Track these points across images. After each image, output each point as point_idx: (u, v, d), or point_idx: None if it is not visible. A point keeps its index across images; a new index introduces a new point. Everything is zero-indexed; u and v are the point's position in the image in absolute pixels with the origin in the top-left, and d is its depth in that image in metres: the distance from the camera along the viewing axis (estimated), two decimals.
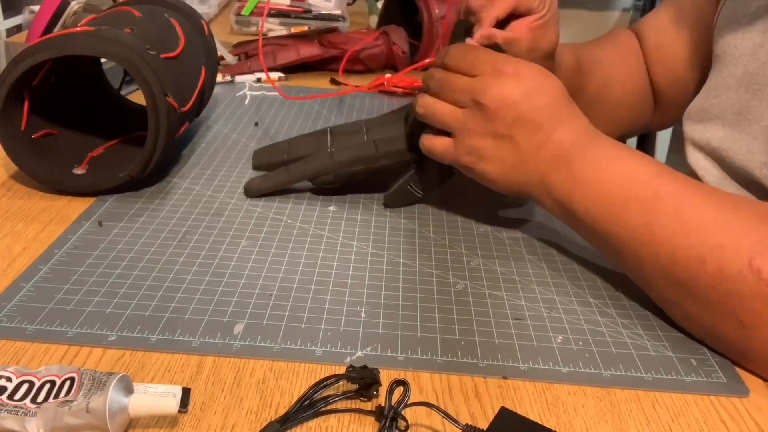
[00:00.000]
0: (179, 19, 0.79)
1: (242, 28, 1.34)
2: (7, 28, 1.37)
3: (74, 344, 0.47)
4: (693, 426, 0.43)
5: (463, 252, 0.61)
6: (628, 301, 0.55)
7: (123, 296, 0.52)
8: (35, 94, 0.67)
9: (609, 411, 0.44)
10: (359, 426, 0.42)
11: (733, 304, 0.47)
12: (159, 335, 0.48)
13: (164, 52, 0.69)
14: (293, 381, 0.45)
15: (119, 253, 0.57)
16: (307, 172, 0.67)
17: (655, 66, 0.85)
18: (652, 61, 0.86)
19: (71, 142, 0.71)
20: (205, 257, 0.58)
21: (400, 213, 0.67)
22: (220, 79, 1.02)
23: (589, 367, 0.48)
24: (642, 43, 0.87)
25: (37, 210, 0.64)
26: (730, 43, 0.68)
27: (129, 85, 0.86)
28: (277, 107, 0.95)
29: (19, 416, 0.38)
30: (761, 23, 0.65)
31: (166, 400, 0.39)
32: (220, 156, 0.78)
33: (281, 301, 0.53)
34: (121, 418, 0.39)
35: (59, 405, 0.38)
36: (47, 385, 0.39)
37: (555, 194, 0.57)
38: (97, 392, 0.38)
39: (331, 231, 0.63)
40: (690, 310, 0.50)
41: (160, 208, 0.65)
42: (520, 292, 0.56)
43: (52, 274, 0.54)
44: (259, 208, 0.66)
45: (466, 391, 0.45)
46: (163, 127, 0.65)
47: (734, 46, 0.67)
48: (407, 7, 1.22)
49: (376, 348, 0.48)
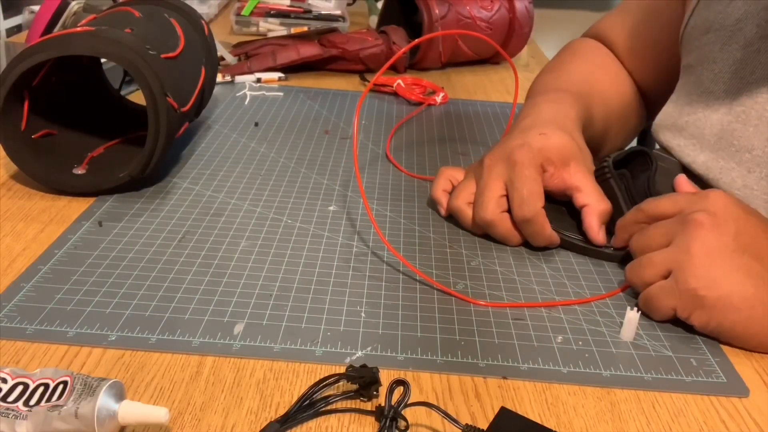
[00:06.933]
0: (179, 19, 0.79)
1: (242, 28, 1.34)
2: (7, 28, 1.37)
3: (74, 344, 0.47)
4: (693, 426, 0.43)
5: (463, 252, 0.61)
6: (628, 301, 0.55)
7: (123, 296, 0.52)
8: (35, 94, 0.67)
9: (609, 411, 0.44)
10: (359, 426, 0.42)
11: None
12: (159, 335, 0.48)
13: (164, 52, 0.69)
14: (293, 381, 0.45)
15: (119, 253, 0.57)
16: None
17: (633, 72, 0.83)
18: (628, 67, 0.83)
19: (71, 142, 0.71)
20: (205, 257, 0.58)
21: (400, 213, 0.67)
22: (220, 79, 1.02)
23: (589, 367, 0.48)
24: (612, 49, 0.84)
25: (37, 210, 0.64)
26: (706, 56, 0.65)
27: (129, 85, 0.86)
28: (277, 107, 0.95)
29: (9, 419, 0.38)
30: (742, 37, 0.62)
31: (156, 408, 0.39)
32: (220, 156, 0.78)
33: (281, 301, 0.53)
34: (110, 424, 0.38)
35: (49, 409, 0.38)
36: (41, 388, 0.39)
37: None
38: (87, 398, 0.38)
39: (331, 231, 0.63)
40: None
41: (160, 208, 0.65)
42: (520, 292, 0.56)
43: (52, 274, 0.54)
44: (259, 208, 0.66)
45: (466, 391, 0.45)
46: (163, 127, 0.65)
47: (712, 60, 0.64)
48: (407, 7, 1.22)
49: (376, 348, 0.48)
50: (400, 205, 0.69)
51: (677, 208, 0.54)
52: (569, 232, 0.62)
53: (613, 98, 0.80)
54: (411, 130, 0.90)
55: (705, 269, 0.49)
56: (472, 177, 0.63)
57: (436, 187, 0.66)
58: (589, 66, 0.82)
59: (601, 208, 0.61)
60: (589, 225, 0.60)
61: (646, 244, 0.54)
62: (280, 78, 1.07)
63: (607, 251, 0.61)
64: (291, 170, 0.76)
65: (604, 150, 0.80)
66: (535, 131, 0.63)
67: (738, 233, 0.50)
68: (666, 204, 0.55)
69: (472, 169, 0.65)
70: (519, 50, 1.27)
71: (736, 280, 0.49)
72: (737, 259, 0.49)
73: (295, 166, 0.77)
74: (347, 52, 1.11)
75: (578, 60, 0.84)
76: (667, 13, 0.77)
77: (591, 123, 0.72)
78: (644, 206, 0.56)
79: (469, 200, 0.63)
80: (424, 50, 1.16)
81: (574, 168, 0.62)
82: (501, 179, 0.60)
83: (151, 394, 0.43)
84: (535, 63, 1.31)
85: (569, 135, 0.63)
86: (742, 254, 0.50)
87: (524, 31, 1.23)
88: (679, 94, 0.69)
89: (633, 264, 0.54)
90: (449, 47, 1.17)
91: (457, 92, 1.08)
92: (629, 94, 0.83)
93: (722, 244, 0.50)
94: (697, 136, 0.64)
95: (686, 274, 0.49)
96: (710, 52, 0.65)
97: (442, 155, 0.83)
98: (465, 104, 1.03)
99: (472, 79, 1.17)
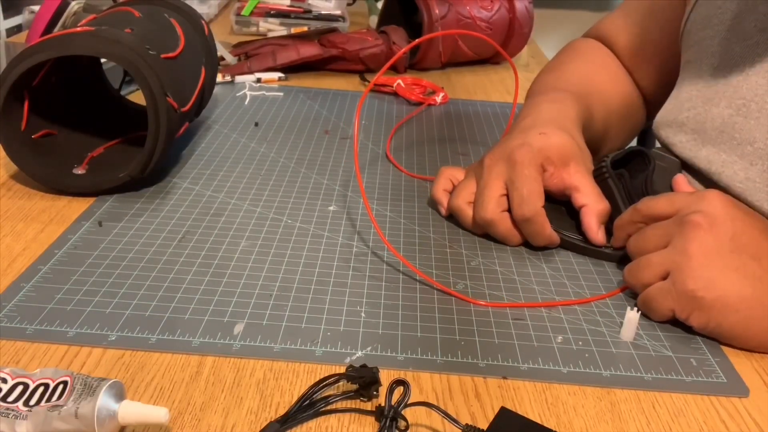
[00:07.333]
0: (179, 19, 0.79)
1: (242, 28, 1.34)
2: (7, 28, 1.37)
3: (74, 344, 0.47)
4: (693, 426, 0.43)
5: (463, 252, 0.61)
6: (627, 301, 0.55)
7: (123, 296, 0.52)
8: (35, 94, 0.67)
9: (609, 411, 0.44)
10: (359, 426, 0.42)
11: None
12: (159, 335, 0.48)
13: (164, 52, 0.69)
14: (293, 381, 0.45)
15: (119, 253, 0.57)
16: None
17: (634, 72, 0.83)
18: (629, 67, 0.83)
19: (71, 142, 0.71)
20: (205, 257, 0.58)
21: (400, 213, 0.67)
22: (220, 79, 1.02)
23: (589, 367, 0.48)
24: (613, 49, 0.84)
25: (37, 210, 0.64)
26: (705, 50, 0.65)
27: (129, 85, 0.86)
28: (277, 107, 0.95)
29: (9, 419, 0.38)
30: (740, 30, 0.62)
31: (156, 408, 0.39)
32: (220, 156, 0.78)
33: (281, 301, 0.53)
34: (110, 424, 0.38)
35: (49, 409, 0.38)
36: (41, 388, 0.39)
37: None
38: (87, 398, 0.38)
39: (331, 231, 0.63)
40: None
41: (160, 208, 0.65)
42: (520, 292, 0.56)
43: (52, 274, 0.54)
44: (259, 208, 0.66)
45: (466, 391, 0.45)
46: (163, 127, 0.65)
47: (711, 54, 0.64)
48: (407, 7, 1.22)
49: (376, 348, 0.48)
50: (400, 205, 0.69)
51: (674, 208, 0.54)
52: (569, 232, 0.62)
53: (613, 98, 0.80)
54: (411, 130, 0.90)
55: (703, 270, 0.49)
56: (473, 176, 0.63)
57: (437, 187, 0.66)
58: (589, 66, 0.82)
59: (600, 207, 0.61)
60: (587, 225, 0.60)
61: (644, 246, 0.54)
62: (280, 78, 1.07)
63: (606, 251, 0.61)
64: (291, 170, 0.76)
65: (603, 150, 0.80)
66: (535, 131, 0.63)
67: (735, 234, 0.50)
68: (663, 204, 0.55)
69: (473, 169, 0.65)
70: (519, 50, 1.27)
71: (734, 281, 0.49)
72: (735, 260, 0.49)
73: (295, 166, 0.77)
74: (347, 52, 1.11)
75: (578, 60, 0.84)
76: (668, 13, 0.77)
77: (591, 123, 0.72)
78: (641, 206, 0.56)
79: (469, 200, 0.63)
80: (424, 50, 1.16)
81: (574, 168, 0.62)
82: (501, 179, 0.60)
83: (151, 394, 0.43)
84: (535, 63, 1.31)
85: (569, 135, 0.63)
86: (740, 255, 0.50)
87: (524, 31, 1.23)
88: (679, 90, 0.69)
89: (631, 266, 0.54)
90: (449, 47, 1.17)
91: (457, 92, 1.08)
92: (629, 93, 0.83)
93: (720, 244, 0.50)
94: (698, 130, 0.64)
95: (684, 275, 0.49)
96: (709, 47, 0.65)
97: (442, 155, 0.83)
98: (465, 104, 1.03)
99: (472, 79, 1.17)
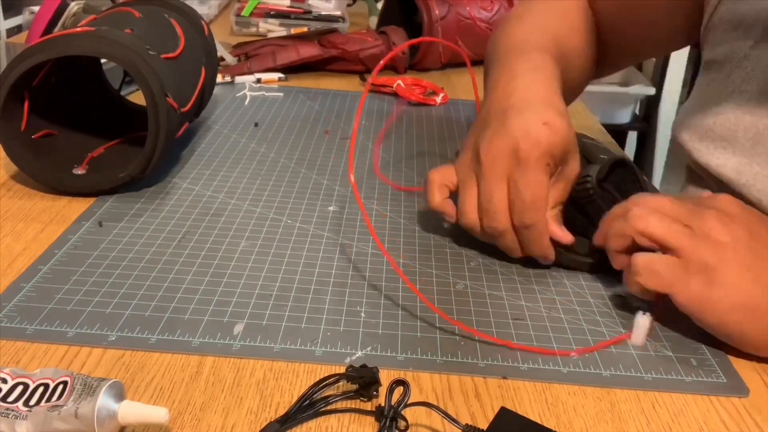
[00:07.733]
0: (179, 19, 0.79)
1: (242, 28, 1.34)
2: (7, 28, 1.37)
3: (74, 344, 0.47)
4: (693, 426, 0.43)
5: (463, 252, 0.61)
6: (628, 301, 0.55)
7: (123, 296, 0.52)
8: (35, 94, 0.67)
9: (609, 411, 0.44)
10: (359, 426, 0.42)
11: None
12: (159, 335, 0.48)
13: (164, 53, 0.69)
14: (293, 381, 0.45)
15: (119, 253, 0.57)
16: None
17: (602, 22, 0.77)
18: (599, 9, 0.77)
19: (71, 142, 0.71)
20: (205, 257, 0.58)
21: (400, 213, 0.67)
22: (220, 79, 1.02)
23: (589, 367, 0.48)
24: None
25: (37, 210, 0.64)
26: (736, 52, 0.61)
27: (129, 85, 0.86)
28: (277, 107, 0.95)
29: (9, 419, 0.38)
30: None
31: (156, 408, 0.39)
32: (220, 156, 0.78)
33: (281, 301, 0.53)
34: (110, 424, 0.38)
35: (49, 409, 0.38)
36: (41, 388, 0.39)
37: None
38: (87, 398, 0.38)
39: (331, 231, 0.63)
40: None
41: (160, 208, 0.65)
42: (520, 292, 0.56)
43: (52, 274, 0.54)
44: (259, 208, 0.66)
45: (466, 391, 0.45)
46: (163, 128, 0.65)
47: (743, 57, 0.60)
48: (407, 7, 1.22)
49: (375, 348, 0.48)
50: (400, 205, 0.69)
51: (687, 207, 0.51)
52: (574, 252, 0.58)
53: (577, 61, 0.75)
54: (411, 131, 0.90)
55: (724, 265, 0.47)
56: (471, 177, 0.58)
57: (434, 197, 0.60)
58: (558, 19, 0.76)
59: None
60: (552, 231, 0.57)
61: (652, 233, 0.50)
62: (280, 78, 1.07)
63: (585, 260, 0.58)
64: (291, 170, 0.76)
65: None
66: (535, 115, 0.56)
67: (752, 233, 0.49)
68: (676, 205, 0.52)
69: (467, 166, 0.59)
70: None
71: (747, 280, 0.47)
72: (749, 258, 0.48)
73: (295, 166, 0.77)
74: (347, 53, 1.11)
75: (548, 9, 0.77)
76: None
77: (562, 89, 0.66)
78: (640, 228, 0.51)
79: (476, 208, 0.57)
80: (424, 51, 1.16)
81: (572, 166, 0.58)
82: (505, 179, 0.56)
83: (151, 394, 0.43)
84: None
85: (567, 120, 0.58)
86: (754, 255, 0.48)
87: None
88: (703, 91, 0.65)
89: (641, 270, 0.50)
90: (449, 48, 1.17)
91: (458, 93, 1.08)
92: (591, 56, 0.78)
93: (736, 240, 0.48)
94: (728, 138, 0.61)
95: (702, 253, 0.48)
96: (741, 49, 0.61)
97: (442, 156, 0.83)
98: (465, 105, 1.03)
99: None
